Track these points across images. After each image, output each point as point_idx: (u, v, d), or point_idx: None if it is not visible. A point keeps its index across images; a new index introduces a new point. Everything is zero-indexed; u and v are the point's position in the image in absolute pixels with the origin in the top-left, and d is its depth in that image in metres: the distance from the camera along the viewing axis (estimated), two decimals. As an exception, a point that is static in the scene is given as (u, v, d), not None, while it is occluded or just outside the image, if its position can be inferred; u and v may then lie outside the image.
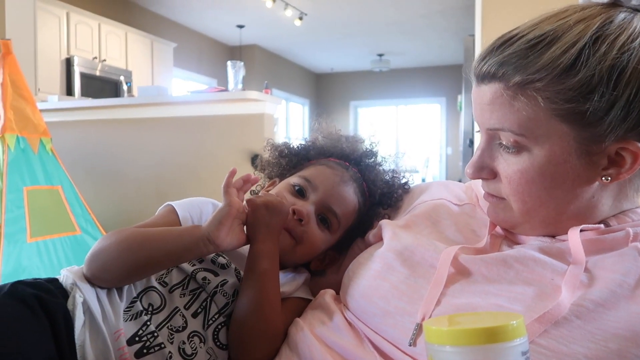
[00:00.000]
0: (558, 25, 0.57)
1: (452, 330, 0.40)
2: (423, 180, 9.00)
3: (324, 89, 10.51)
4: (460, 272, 0.62)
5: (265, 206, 0.71)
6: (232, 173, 0.67)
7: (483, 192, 0.69)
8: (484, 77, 0.60)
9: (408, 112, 10.07)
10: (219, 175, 0.90)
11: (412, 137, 9.98)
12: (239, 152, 2.80)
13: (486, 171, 0.64)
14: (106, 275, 0.68)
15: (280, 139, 0.94)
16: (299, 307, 0.74)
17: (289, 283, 0.77)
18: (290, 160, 0.88)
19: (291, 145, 0.90)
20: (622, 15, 0.57)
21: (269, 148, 0.90)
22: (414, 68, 9.46)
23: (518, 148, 0.59)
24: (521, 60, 0.57)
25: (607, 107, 0.54)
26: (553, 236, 0.64)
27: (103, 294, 0.67)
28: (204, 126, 2.97)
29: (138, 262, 0.67)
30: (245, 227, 0.71)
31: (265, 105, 2.83)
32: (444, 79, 8.97)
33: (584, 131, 0.56)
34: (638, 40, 0.55)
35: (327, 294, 0.73)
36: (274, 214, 0.71)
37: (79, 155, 3.23)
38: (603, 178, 0.58)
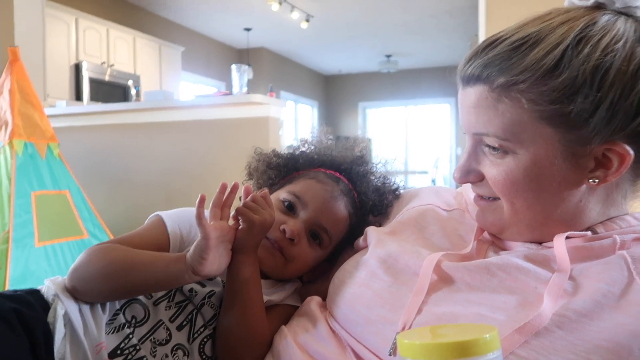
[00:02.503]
0: (541, 27, 0.57)
1: (423, 344, 0.40)
2: (433, 181, 8.96)
3: (332, 91, 10.50)
4: (443, 280, 0.61)
5: (262, 225, 0.69)
6: (202, 200, 0.63)
7: (473, 197, 0.69)
8: (469, 80, 0.60)
9: (417, 113, 10.04)
10: (227, 178, 0.88)
11: (421, 138, 9.94)
12: (245, 156, 2.80)
13: (473, 175, 0.64)
14: (88, 294, 0.67)
15: (286, 142, 0.92)
16: (287, 314, 0.74)
17: (278, 291, 0.77)
18: (279, 172, 0.87)
19: (280, 154, 0.88)
20: (605, 17, 0.57)
21: (257, 158, 0.88)
22: (423, 69, 9.42)
23: (503, 151, 0.59)
24: (505, 61, 0.57)
25: (591, 109, 0.54)
26: (540, 242, 0.63)
27: (85, 306, 0.67)
28: (210, 130, 2.99)
29: (122, 288, 0.67)
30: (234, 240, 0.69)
31: (269, 109, 2.84)
32: (453, 79, 8.78)
33: (569, 133, 0.56)
34: (622, 42, 0.54)
35: (313, 301, 0.72)
36: (265, 232, 0.70)
37: (86, 160, 3.26)
38: (590, 180, 0.57)
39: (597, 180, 0.57)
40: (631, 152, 0.56)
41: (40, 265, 2.41)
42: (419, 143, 9.94)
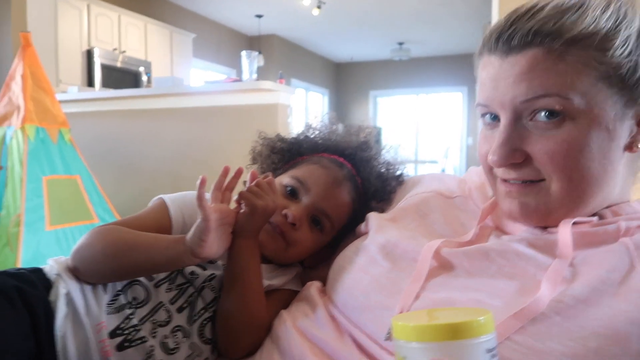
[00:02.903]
0: None
1: (416, 326, 0.40)
2: (443, 170, 8.91)
3: (343, 79, 10.44)
4: (442, 266, 0.61)
5: (264, 211, 0.69)
6: (203, 182, 0.63)
7: (499, 187, 0.63)
8: (515, 47, 0.56)
9: (429, 102, 9.96)
10: (235, 164, 0.88)
11: (432, 127, 9.87)
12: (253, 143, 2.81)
13: (518, 154, 0.58)
14: (90, 274, 0.68)
15: (295, 129, 0.91)
16: (288, 299, 0.74)
17: (279, 276, 0.77)
18: (282, 157, 0.87)
19: (284, 139, 0.88)
20: None
21: (261, 142, 0.88)
22: (435, 57, 9.32)
23: (563, 115, 0.55)
24: (561, 22, 0.55)
25: (636, 69, 0.55)
26: (544, 227, 0.62)
27: (87, 286, 0.68)
28: (219, 116, 2.99)
29: (122, 269, 0.67)
30: (235, 224, 0.69)
31: (279, 96, 2.83)
32: (466, 67, 8.64)
33: (626, 94, 0.56)
34: (637, 8, 0.56)
35: (313, 286, 0.73)
36: (267, 218, 0.71)
37: (97, 145, 3.29)
38: (634, 147, 0.58)
39: (637, 147, 0.58)
40: None
41: (51, 249, 2.45)
42: (430, 132, 9.88)
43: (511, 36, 0.56)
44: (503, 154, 0.58)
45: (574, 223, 0.59)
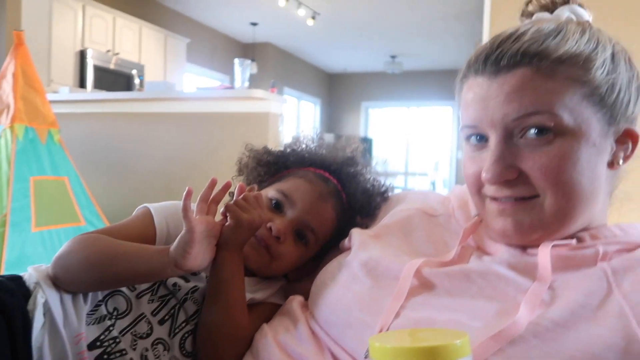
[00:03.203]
0: (552, 22, 0.61)
1: (393, 348, 0.41)
2: (432, 183, 8.95)
3: (336, 89, 10.49)
4: (423, 285, 0.62)
5: (249, 225, 0.69)
6: (189, 193, 0.63)
7: (490, 205, 0.63)
8: (504, 67, 0.58)
9: (419, 115, 10.03)
10: (225, 172, 0.88)
11: (422, 140, 9.94)
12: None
13: (511, 171, 0.59)
14: (71, 283, 0.67)
15: (286, 138, 0.91)
16: (271, 312, 0.74)
17: (263, 289, 0.77)
18: (268, 169, 0.87)
19: (271, 152, 0.88)
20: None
21: (248, 154, 0.88)
22: (427, 71, 9.40)
23: (553, 132, 0.57)
24: (546, 44, 0.57)
25: (616, 89, 0.59)
26: (524, 248, 0.63)
27: (67, 295, 0.67)
28: (210, 123, 2.99)
29: (104, 279, 0.67)
30: (220, 236, 0.69)
31: (270, 104, 2.84)
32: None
33: (604, 113, 0.58)
34: (606, 35, 0.61)
35: (295, 301, 0.73)
36: (252, 232, 0.71)
37: (87, 147, 3.27)
38: (617, 162, 0.61)
39: (620, 162, 0.61)
40: (637, 131, 0.61)
41: (36, 250, 2.42)
42: (420, 145, 9.94)
43: (499, 57, 0.58)
44: (497, 170, 0.58)
45: (554, 245, 0.59)
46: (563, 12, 0.64)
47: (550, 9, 0.66)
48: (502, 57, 0.58)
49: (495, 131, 0.59)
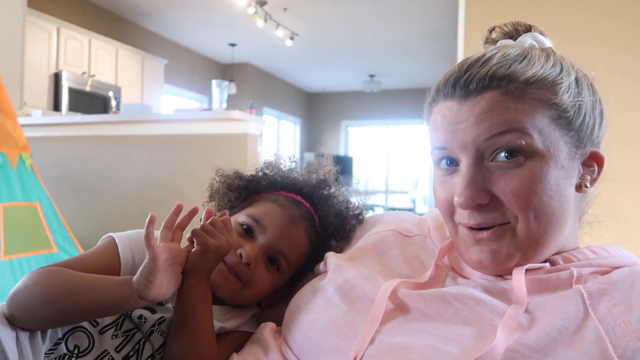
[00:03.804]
0: (517, 48, 0.62)
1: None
2: (413, 201, 9.00)
3: (315, 108, 10.55)
4: (398, 308, 0.61)
5: (216, 250, 0.67)
6: (152, 220, 0.61)
7: (462, 233, 0.62)
8: (474, 90, 0.58)
9: (399, 133, 10.13)
10: (202, 195, 0.87)
11: (402, 158, 10.02)
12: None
13: (483, 195, 0.58)
14: (27, 321, 0.64)
15: (265, 158, 0.90)
16: (242, 341, 0.71)
17: (234, 318, 0.74)
18: (239, 195, 0.85)
19: (242, 176, 0.86)
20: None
21: (219, 179, 0.86)
22: (405, 89, 9.53)
23: (523, 154, 0.56)
24: (513, 67, 0.58)
25: (582, 113, 0.59)
26: (499, 275, 0.62)
27: (24, 334, 0.63)
28: (188, 145, 2.96)
29: (64, 314, 0.63)
30: (186, 263, 0.66)
31: (248, 125, 2.83)
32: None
33: (571, 137, 0.59)
34: (568, 61, 0.62)
35: (267, 328, 0.71)
36: (220, 258, 0.68)
37: (61, 172, 3.20)
38: (584, 185, 0.61)
39: (587, 186, 0.61)
40: (603, 154, 0.62)
41: (5, 280, 2.33)
42: (400, 163, 10.02)
43: (468, 81, 0.58)
44: (470, 194, 0.57)
45: (527, 270, 0.59)
46: (526, 40, 0.65)
47: (514, 36, 0.67)
48: (471, 80, 0.58)
49: (466, 154, 0.58)
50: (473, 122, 0.57)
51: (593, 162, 0.61)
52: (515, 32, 0.67)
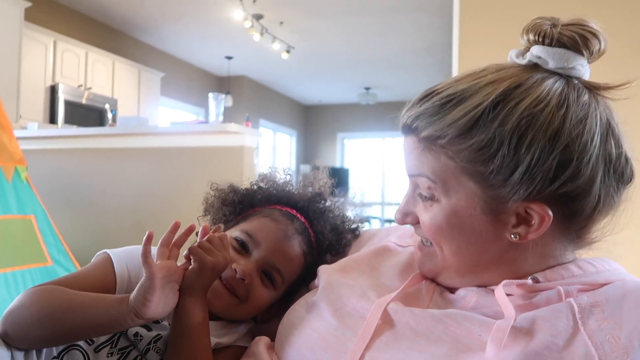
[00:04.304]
0: (470, 85, 0.57)
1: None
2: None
3: (311, 121, 10.59)
4: (388, 324, 0.61)
5: (213, 268, 0.66)
6: (149, 237, 0.61)
7: (418, 242, 0.70)
8: (404, 128, 0.63)
9: (395, 145, 10.16)
10: (198, 207, 0.87)
11: (398, 170, 10.04)
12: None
13: (410, 217, 0.65)
14: (22, 340, 0.63)
15: (261, 171, 0.90)
16: (238, 356, 0.71)
17: (230, 333, 0.74)
18: (234, 209, 0.85)
19: (237, 190, 0.86)
20: (534, 79, 0.56)
21: (213, 194, 0.86)
22: (400, 102, 9.30)
23: (431, 197, 0.61)
24: (431, 116, 0.58)
25: (509, 171, 0.54)
26: (484, 286, 0.62)
27: (19, 353, 0.62)
28: (184, 157, 2.96)
29: (59, 333, 0.62)
30: (183, 280, 0.66)
31: (245, 138, 2.83)
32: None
33: (488, 190, 0.56)
34: (542, 105, 0.54)
35: (261, 342, 0.71)
36: (216, 275, 0.68)
37: (56, 184, 3.19)
38: (512, 236, 0.57)
39: (518, 236, 0.57)
40: (550, 213, 0.55)
41: (0, 294, 2.31)
42: (396, 174, 10.03)
43: (403, 118, 0.63)
44: (399, 215, 0.66)
45: (508, 284, 0.59)
46: (539, 53, 0.58)
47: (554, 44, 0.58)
48: (402, 120, 0.63)
49: (409, 180, 0.65)
50: (406, 157, 0.64)
51: (532, 216, 0.56)
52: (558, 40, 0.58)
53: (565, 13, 0.64)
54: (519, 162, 0.54)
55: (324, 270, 0.75)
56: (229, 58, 7.28)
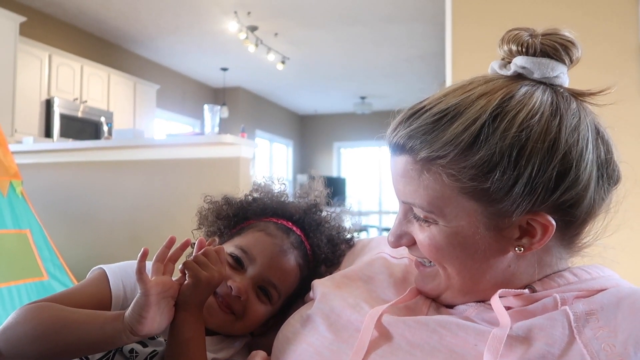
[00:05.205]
0: (462, 99, 0.56)
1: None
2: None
3: (307, 130, 10.61)
4: (383, 336, 0.60)
5: (208, 283, 0.65)
6: (144, 254, 0.60)
7: (414, 261, 0.68)
8: (395, 149, 0.60)
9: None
10: (194, 219, 0.86)
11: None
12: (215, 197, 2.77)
13: (405, 239, 0.63)
14: (17, 357, 0.62)
15: (257, 180, 0.89)
16: None
17: (227, 348, 0.73)
18: (228, 223, 0.84)
19: (231, 202, 0.85)
20: (523, 90, 0.56)
21: (207, 207, 0.85)
22: (396, 111, 9.61)
23: (427, 219, 0.59)
24: (426, 134, 0.56)
25: (510, 184, 0.54)
26: (483, 301, 0.62)
27: None
28: (180, 169, 2.95)
29: (53, 350, 0.62)
30: (178, 296, 0.65)
31: (240, 149, 2.83)
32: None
33: (490, 207, 0.55)
34: (537, 116, 0.54)
35: (258, 356, 0.70)
36: (212, 289, 0.67)
37: (52, 198, 3.17)
38: (516, 249, 0.57)
39: (522, 249, 0.57)
40: (553, 222, 0.55)
41: (-5, 309, 2.29)
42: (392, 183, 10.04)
43: (390, 142, 0.61)
44: (392, 238, 0.64)
45: (503, 296, 0.59)
46: (522, 64, 0.58)
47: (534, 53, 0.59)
48: (392, 141, 0.60)
49: (399, 202, 0.63)
50: (396, 181, 0.61)
51: (535, 227, 0.56)
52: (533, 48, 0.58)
53: (558, 22, 0.64)
54: (519, 174, 0.53)
55: (318, 284, 0.74)
56: (224, 69, 7.30)
